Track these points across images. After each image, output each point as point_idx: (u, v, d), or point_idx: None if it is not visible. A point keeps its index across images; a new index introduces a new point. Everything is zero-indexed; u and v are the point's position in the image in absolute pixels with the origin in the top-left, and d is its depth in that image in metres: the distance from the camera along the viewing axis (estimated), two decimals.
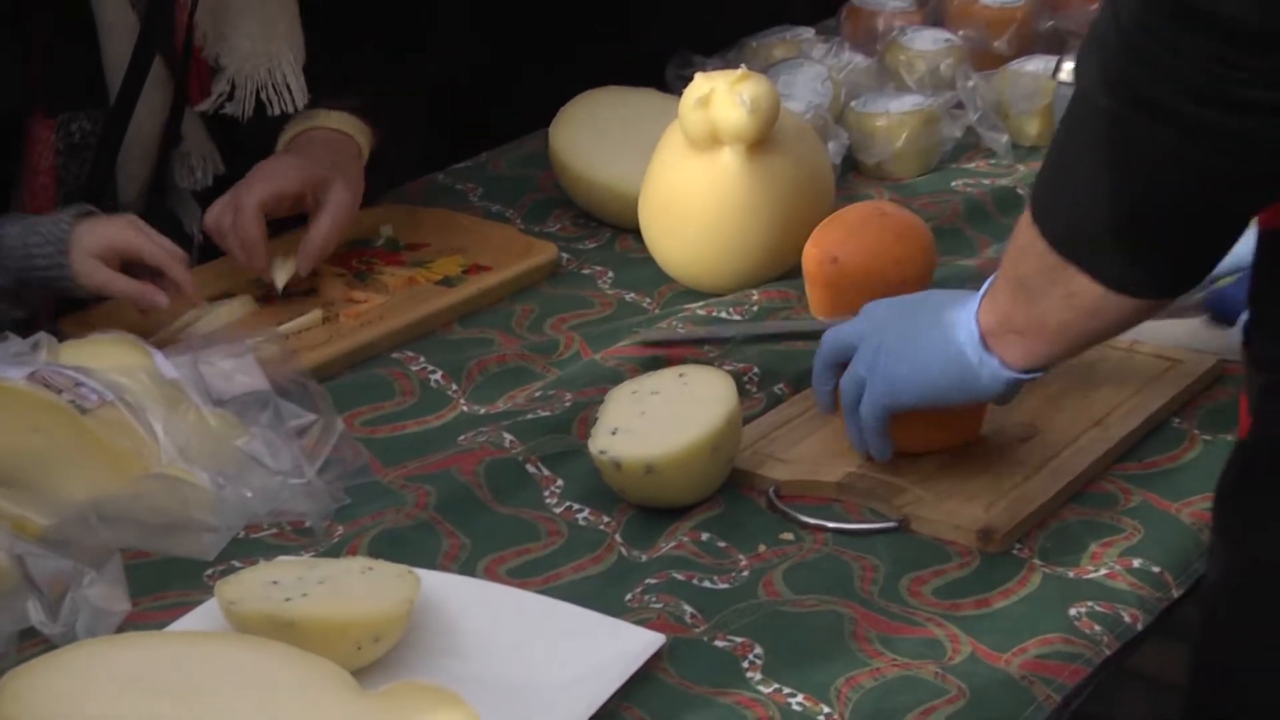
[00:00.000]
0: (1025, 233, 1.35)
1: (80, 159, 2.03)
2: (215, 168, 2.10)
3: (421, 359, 1.84)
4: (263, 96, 2.06)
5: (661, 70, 2.44)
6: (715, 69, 2.22)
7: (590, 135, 2.17)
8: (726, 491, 1.58)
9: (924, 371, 1.52)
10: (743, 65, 2.10)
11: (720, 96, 1.89)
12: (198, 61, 2.06)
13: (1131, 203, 1.25)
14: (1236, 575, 1.33)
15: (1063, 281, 1.32)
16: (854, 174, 2.31)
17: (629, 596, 1.41)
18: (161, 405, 1.56)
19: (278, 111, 2.08)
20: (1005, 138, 2.40)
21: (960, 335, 1.47)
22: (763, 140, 1.91)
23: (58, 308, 1.94)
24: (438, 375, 1.81)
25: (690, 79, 2.02)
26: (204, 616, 1.35)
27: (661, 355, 1.81)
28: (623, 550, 1.50)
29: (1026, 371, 1.44)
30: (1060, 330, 1.38)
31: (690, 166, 1.94)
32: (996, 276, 1.46)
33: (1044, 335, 1.40)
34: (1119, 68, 1.18)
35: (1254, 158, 1.16)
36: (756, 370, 1.81)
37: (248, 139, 2.09)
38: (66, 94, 2.01)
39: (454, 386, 1.79)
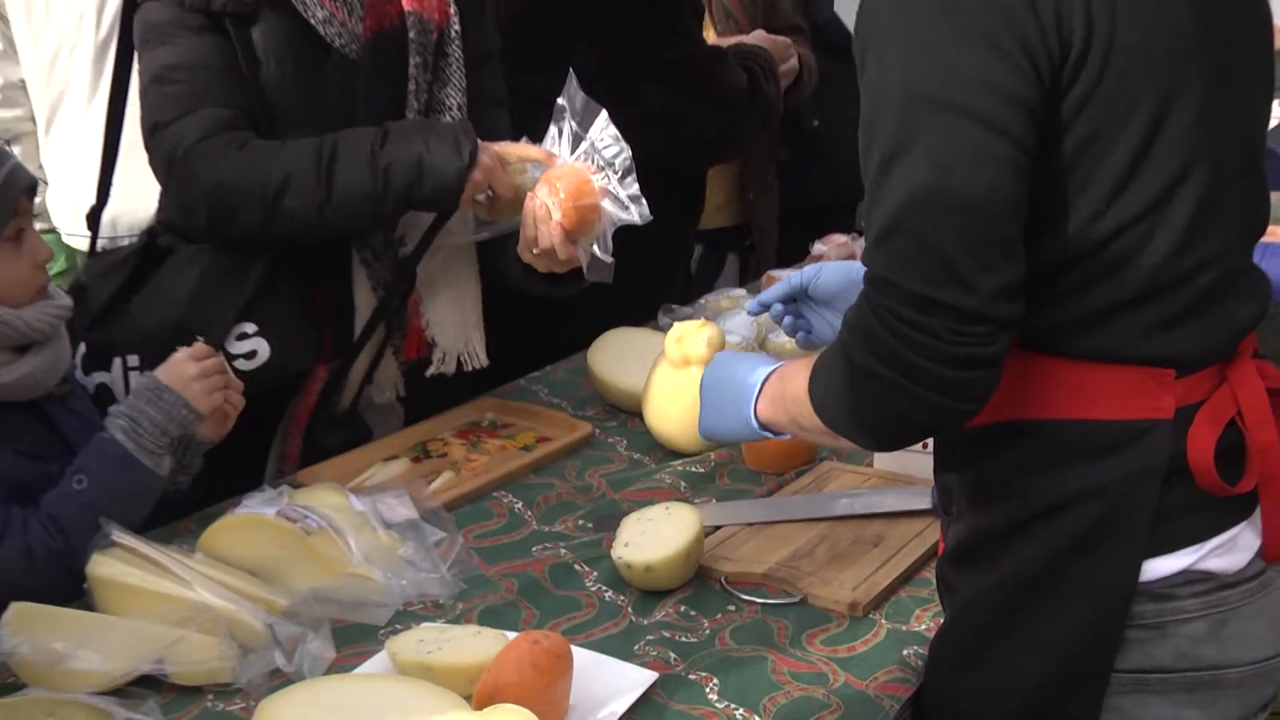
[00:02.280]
0: (804, 403, 1.28)
1: (332, 389, 2.01)
2: (400, 389, 2.08)
3: (510, 496, 1.82)
4: (460, 359, 2.07)
5: (655, 314, 2.43)
6: (686, 317, 2.22)
7: (612, 356, 2.16)
8: (695, 580, 1.58)
9: (723, 421, 1.48)
10: (703, 317, 2.10)
11: (689, 336, 1.90)
12: (418, 334, 2.04)
13: (880, 421, 1.21)
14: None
15: (823, 434, 1.31)
16: None
17: (636, 647, 1.43)
18: (353, 529, 1.57)
19: (469, 369, 2.08)
20: None
21: (745, 410, 1.42)
22: None
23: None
24: (519, 505, 1.80)
25: (672, 323, 2.02)
26: (378, 662, 1.39)
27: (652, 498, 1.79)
28: (632, 618, 1.51)
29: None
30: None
31: (672, 377, 1.93)
32: (772, 395, 1.39)
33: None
34: (877, 338, 1.13)
35: (973, 398, 1.15)
36: (714, 500, 1.80)
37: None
38: (336, 350, 1.99)
39: (529, 513, 1.77)
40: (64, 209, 2.98)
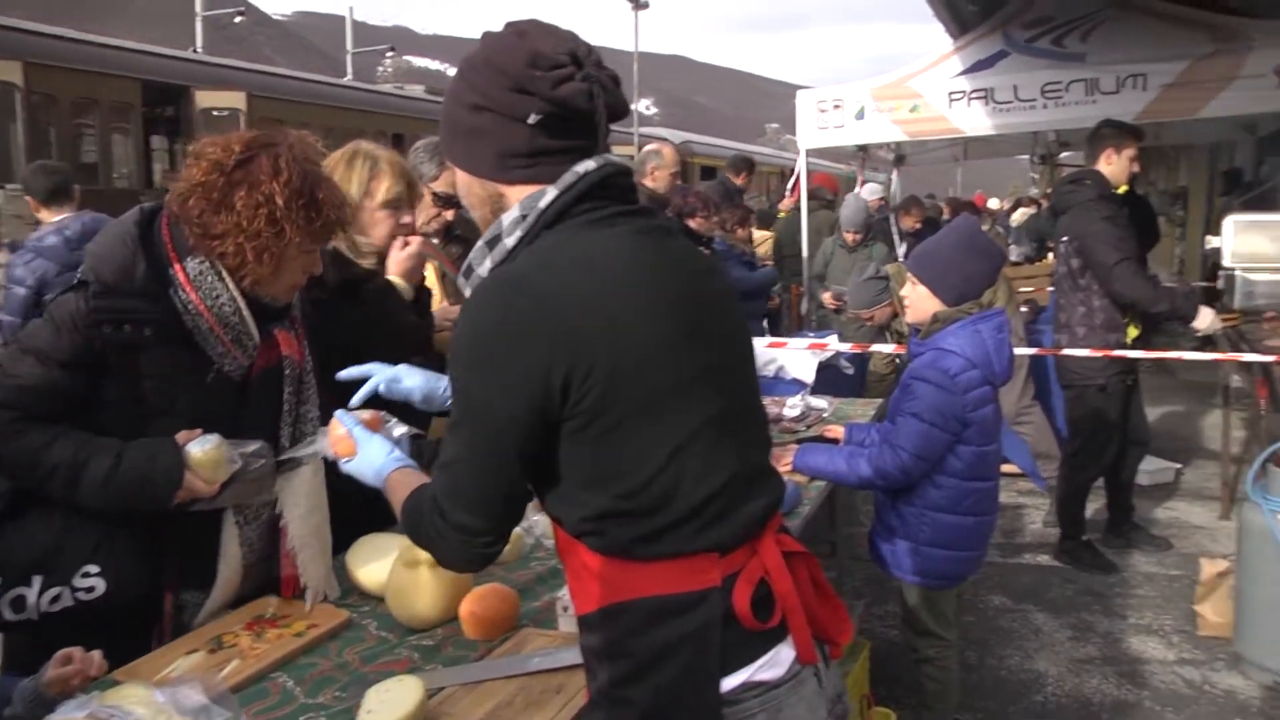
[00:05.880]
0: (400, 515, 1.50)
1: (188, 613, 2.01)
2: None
3: (284, 676, 1.79)
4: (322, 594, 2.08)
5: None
6: None
7: (364, 556, 2.13)
8: None
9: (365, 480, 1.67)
10: None
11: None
12: (294, 580, 2.05)
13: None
14: None
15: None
16: None
17: None
18: (155, 718, 1.49)
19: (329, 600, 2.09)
20: None
21: (380, 484, 1.63)
22: (439, 563, 1.75)
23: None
24: (290, 683, 1.77)
25: None
26: None
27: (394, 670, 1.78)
28: None
29: None
30: None
31: (405, 574, 1.95)
32: (389, 491, 1.59)
33: None
34: (435, 528, 1.40)
35: (480, 566, 1.44)
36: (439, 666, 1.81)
37: None
38: (186, 582, 1.99)
39: (299, 689, 1.74)
40: None
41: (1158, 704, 3.70)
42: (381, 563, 2.08)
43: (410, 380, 1.86)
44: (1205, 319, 4.76)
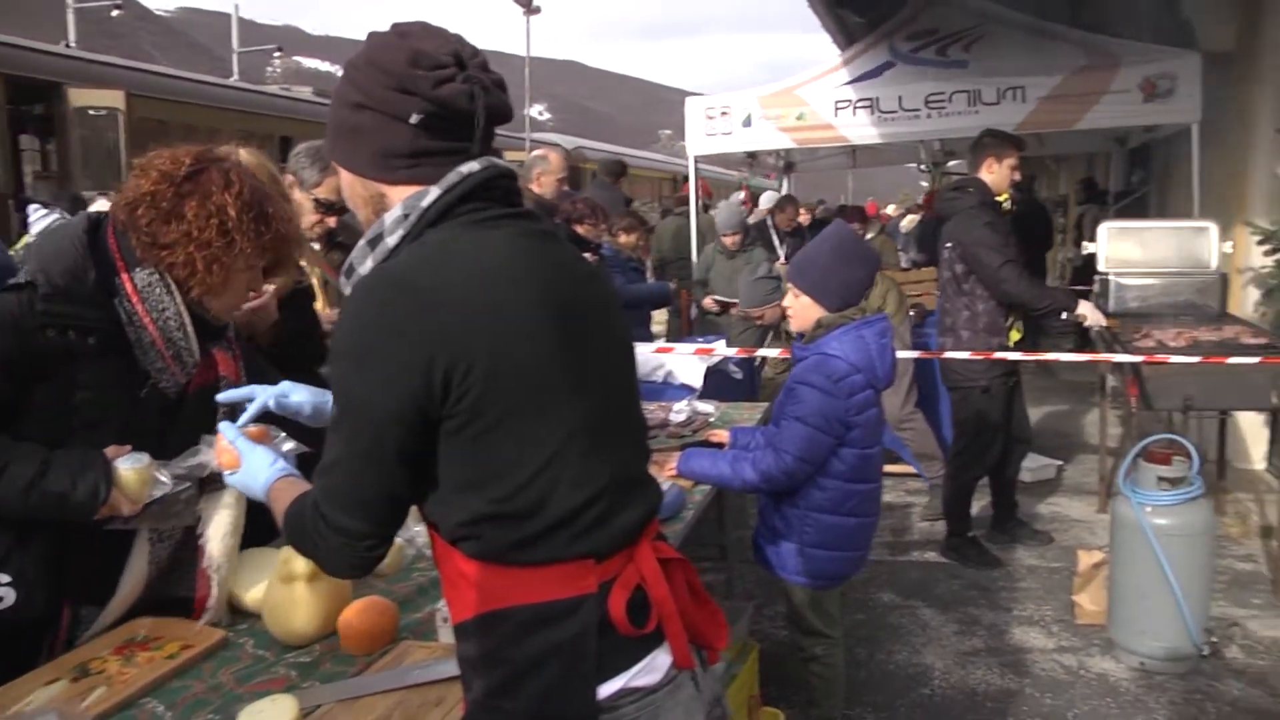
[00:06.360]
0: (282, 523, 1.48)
1: (82, 628, 1.95)
2: None
3: (154, 701, 1.73)
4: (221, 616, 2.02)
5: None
6: None
7: (243, 572, 2.08)
8: None
9: (251, 492, 1.65)
10: None
11: (293, 555, 1.89)
12: (204, 601, 2.00)
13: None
14: None
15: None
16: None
17: None
18: None
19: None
20: None
21: (261, 496, 1.61)
22: (315, 578, 1.90)
23: None
24: (161, 709, 1.71)
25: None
26: None
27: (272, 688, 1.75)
28: None
29: None
30: None
31: (281, 589, 1.92)
32: (271, 499, 1.56)
33: None
34: (318, 532, 1.37)
35: (362, 572, 1.42)
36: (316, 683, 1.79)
37: None
38: (87, 595, 1.94)
39: (170, 715, 1.69)
40: None
41: (1038, 690, 3.86)
42: (260, 579, 2.05)
43: (297, 395, 1.82)
44: (1085, 308, 5.02)
